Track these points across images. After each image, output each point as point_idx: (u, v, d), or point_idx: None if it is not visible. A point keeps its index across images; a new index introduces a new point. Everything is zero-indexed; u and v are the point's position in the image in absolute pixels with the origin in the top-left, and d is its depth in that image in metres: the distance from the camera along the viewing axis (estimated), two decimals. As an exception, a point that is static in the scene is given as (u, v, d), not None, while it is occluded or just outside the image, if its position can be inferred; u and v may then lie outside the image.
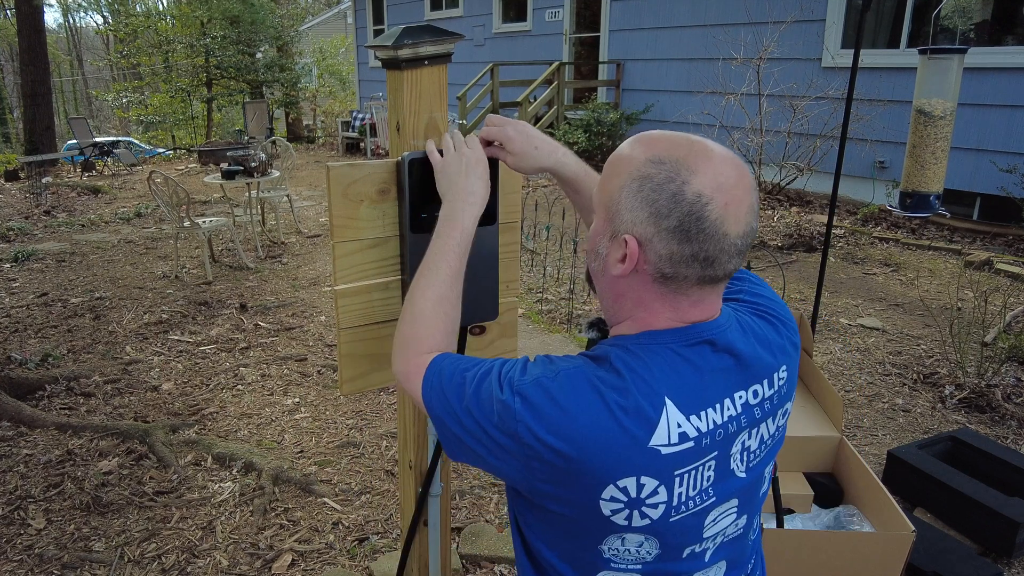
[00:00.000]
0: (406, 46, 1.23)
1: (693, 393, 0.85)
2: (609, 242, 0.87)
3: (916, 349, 4.10)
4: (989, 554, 2.41)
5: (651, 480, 0.82)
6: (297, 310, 4.91)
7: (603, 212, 0.89)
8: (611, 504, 0.82)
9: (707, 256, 0.81)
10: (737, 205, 0.81)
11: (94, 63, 33.52)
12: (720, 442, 0.87)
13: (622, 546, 0.86)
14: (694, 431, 0.84)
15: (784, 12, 7.41)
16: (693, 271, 0.82)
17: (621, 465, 0.80)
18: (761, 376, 0.91)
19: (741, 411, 0.89)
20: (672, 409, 0.83)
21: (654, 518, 0.84)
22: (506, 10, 11.85)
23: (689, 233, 0.80)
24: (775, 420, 0.94)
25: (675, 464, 0.83)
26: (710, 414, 0.86)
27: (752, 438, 0.91)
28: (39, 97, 12.02)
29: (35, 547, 2.51)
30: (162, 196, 5.60)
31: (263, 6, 16.10)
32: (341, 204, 1.25)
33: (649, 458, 0.81)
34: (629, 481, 0.81)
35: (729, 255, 0.82)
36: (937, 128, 2.59)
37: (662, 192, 0.81)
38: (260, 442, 3.21)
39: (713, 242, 0.80)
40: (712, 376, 0.87)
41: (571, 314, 4.66)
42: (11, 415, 3.33)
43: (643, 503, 0.83)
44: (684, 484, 0.85)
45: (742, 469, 0.91)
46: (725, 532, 0.94)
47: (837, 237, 6.44)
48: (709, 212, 0.79)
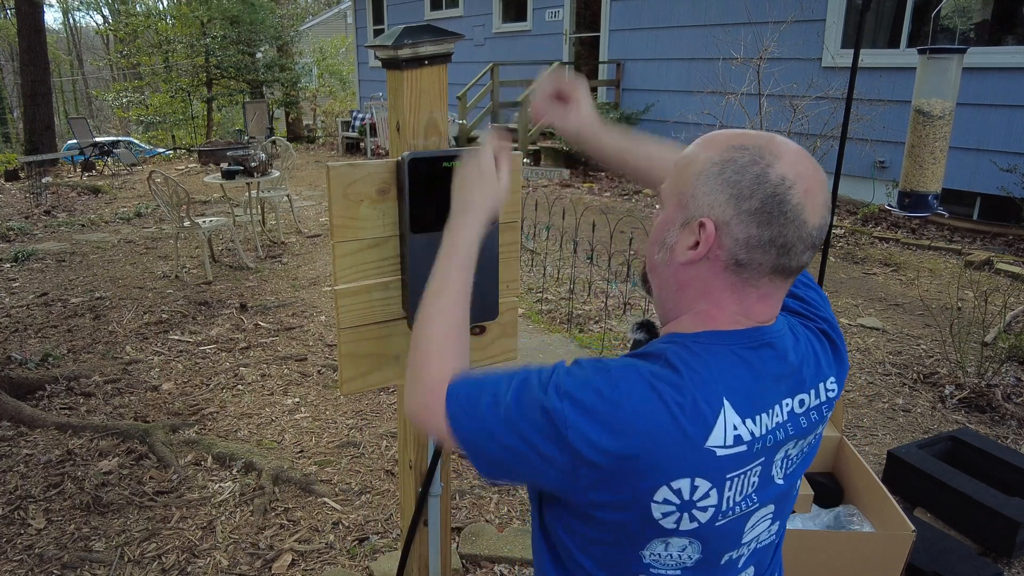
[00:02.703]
0: (406, 46, 1.23)
1: (750, 396, 0.83)
2: (680, 229, 0.85)
3: (916, 349, 4.10)
4: (989, 554, 2.41)
5: (704, 482, 0.80)
6: (297, 310, 4.91)
7: (674, 200, 0.87)
8: (663, 507, 0.80)
9: (785, 243, 0.80)
10: (815, 196, 0.80)
11: (94, 63, 33.52)
12: (769, 448, 0.86)
13: (665, 551, 0.84)
14: (748, 435, 0.82)
15: (784, 12, 7.41)
16: (768, 258, 0.81)
17: (676, 466, 0.78)
18: (808, 386, 0.90)
19: (787, 419, 0.87)
20: (729, 411, 0.81)
21: (702, 522, 0.82)
22: (506, 10, 11.85)
23: (771, 215, 0.79)
24: (817, 431, 0.95)
25: (728, 467, 0.81)
26: (763, 419, 0.84)
27: (795, 447, 0.91)
28: (39, 97, 12.02)
29: (35, 547, 2.51)
30: (162, 196, 5.59)
31: (263, 6, 16.11)
32: (341, 204, 1.25)
33: (705, 459, 0.79)
34: (683, 483, 0.79)
35: (805, 245, 0.81)
36: (936, 128, 2.59)
37: (745, 174, 0.79)
38: (260, 442, 3.21)
39: (793, 228, 0.79)
40: (768, 381, 0.85)
41: (571, 314, 4.66)
42: (11, 415, 3.33)
43: (694, 506, 0.81)
44: (733, 488, 0.83)
45: (781, 476, 0.90)
46: (759, 539, 0.93)
47: (837, 237, 6.44)
48: (792, 196, 0.78)
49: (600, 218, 7.06)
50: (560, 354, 4.07)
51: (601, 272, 5.46)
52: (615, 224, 6.24)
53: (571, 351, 4.12)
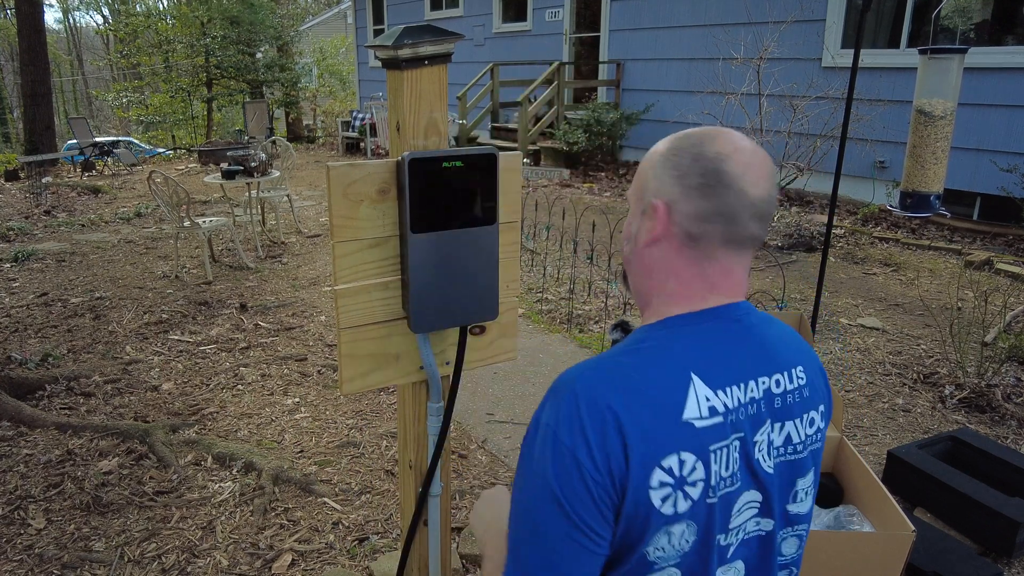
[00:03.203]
0: (406, 46, 1.23)
1: (719, 369, 0.86)
2: (640, 219, 0.93)
3: (916, 349, 4.10)
4: (989, 554, 2.41)
5: (690, 456, 0.82)
6: (297, 310, 4.91)
7: (634, 198, 0.95)
8: (660, 491, 0.81)
9: (729, 211, 0.86)
10: (756, 169, 0.87)
11: (94, 63, 33.51)
12: (744, 423, 0.88)
13: (668, 542, 0.84)
14: (722, 406, 0.85)
15: (784, 12, 7.41)
16: (717, 228, 0.87)
17: (660, 443, 0.81)
18: (782, 367, 0.93)
19: (763, 396, 0.90)
20: (699, 383, 0.84)
21: (695, 498, 0.84)
22: (506, 10, 11.85)
23: (712, 187, 0.86)
24: (802, 424, 0.94)
25: (709, 439, 0.84)
26: (735, 391, 0.87)
27: (776, 433, 0.91)
28: (39, 97, 12.02)
29: (35, 547, 2.51)
30: (162, 196, 5.60)
31: (263, 6, 16.11)
32: (341, 204, 1.25)
33: (685, 432, 0.82)
34: (672, 460, 0.81)
35: (750, 214, 0.87)
36: (937, 128, 2.59)
37: (684, 156, 0.88)
38: (260, 442, 3.21)
39: (734, 196, 0.86)
40: (736, 354, 0.89)
41: (571, 314, 4.66)
42: (11, 415, 3.33)
43: (686, 482, 0.83)
44: (718, 462, 0.85)
45: (768, 463, 0.91)
46: (746, 529, 0.92)
47: (837, 237, 6.44)
48: (728, 167, 0.86)
49: (600, 218, 7.06)
50: (560, 354, 4.07)
51: (601, 272, 5.46)
52: (615, 224, 6.25)
53: (571, 351, 4.12)
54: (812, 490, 0.98)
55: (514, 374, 3.82)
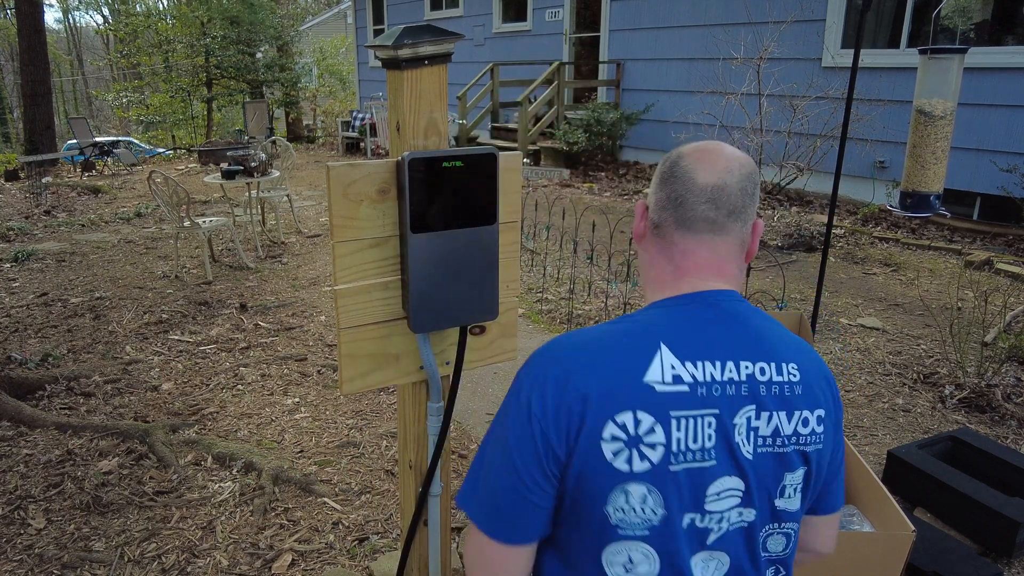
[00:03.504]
0: (406, 46, 1.23)
1: (690, 343, 0.91)
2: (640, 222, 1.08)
3: (916, 349, 4.10)
4: (989, 554, 2.41)
5: (647, 416, 0.86)
6: (297, 310, 4.91)
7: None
8: (612, 445, 0.85)
9: (677, 197, 0.98)
10: (710, 163, 0.98)
11: (94, 63, 33.51)
12: (720, 400, 0.89)
13: (627, 503, 0.87)
14: (689, 376, 0.89)
15: (784, 12, 7.41)
16: (668, 213, 0.99)
17: (616, 398, 0.86)
18: (770, 358, 0.94)
19: (746, 380, 0.91)
20: (666, 352, 0.89)
21: (654, 461, 0.86)
22: (506, 10, 11.85)
23: (666, 180, 1.00)
24: (791, 420, 0.93)
25: (669, 404, 0.87)
26: (707, 367, 0.90)
27: (762, 421, 0.92)
28: (39, 97, 12.02)
29: (35, 547, 2.51)
30: (162, 196, 5.60)
31: (263, 6, 16.11)
32: (341, 204, 1.25)
33: (644, 393, 0.87)
34: (626, 416, 0.86)
35: (697, 198, 0.97)
36: (937, 128, 2.59)
37: (663, 162, 1.03)
38: (260, 442, 3.21)
39: (681, 184, 0.98)
40: (713, 334, 0.93)
41: (571, 314, 4.66)
42: (11, 415, 3.33)
43: (641, 441, 0.86)
44: (682, 430, 0.87)
45: (748, 448, 0.91)
46: (730, 519, 0.91)
47: (837, 237, 6.44)
48: (682, 163, 0.99)
49: (600, 218, 7.06)
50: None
51: (601, 272, 5.46)
52: (615, 224, 6.25)
53: (571, 351, 4.12)
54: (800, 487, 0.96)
55: (514, 374, 3.82)
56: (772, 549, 0.98)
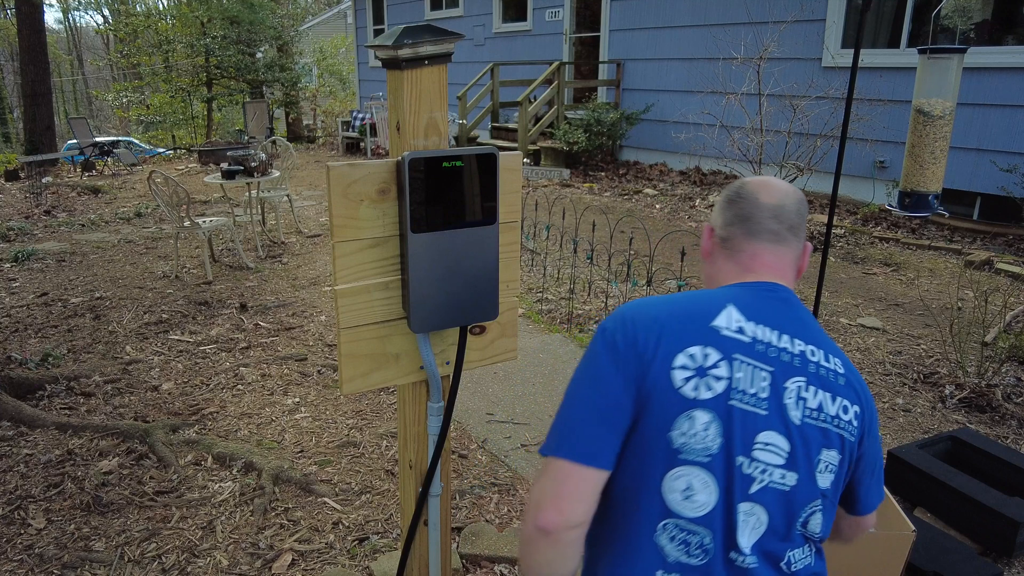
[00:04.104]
0: (406, 46, 1.23)
1: (753, 309, 1.05)
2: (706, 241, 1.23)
3: (916, 349, 4.10)
4: (989, 554, 2.41)
5: (714, 352, 0.98)
6: (297, 310, 4.91)
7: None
8: (682, 372, 0.97)
9: (745, 214, 1.14)
10: (770, 189, 1.15)
11: (94, 63, 33.51)
12: (775, 361, 1.01)
13: (691, 428, 0.96)
14: (750, 332, 1.02)
15: (784, 12, 7.41)
16: (737, 228, 1.15)
17: (688, 334, 0.99)
18: (820, 345, 1.06)
19: (799, 354, 1.03)
20: (733, 310, 1.03)
21: (718, 391, 0.97)
22: (506, 10, 11.85)
23: (733, 201, 1.17)
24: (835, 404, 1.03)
25: (733, 347, 0.99)
26: (766, 331, 1.03)
27: (809, 394, 1.02)
28: (39, 97, 12.02)
29: (35, 547, 2.51)
30: (162, 196, 5.60)
31: (263, 6, 16.10)
32: (341, 204, 1.25)
33: (712, 333, 1.00)
34: (696, 349, 0.98)
35: (764, 215, 1.13)
36: (936, 128, 2.59)
37: (727, 191, 1.20)
38: (260, 442, 3.21)
39: (747, 204, 1.14)
40: (772, 311, 1.06)
41: (571, 314, 4.66)
42: (11, 415, 3.33)
43: (708, 372, 0.97)
44: (742, 372, 0.98)
45: (796, 413, 1.00)
46: (772, 475, 0.98)
47: (837, 237, 6.44)
48: (747, 188, 1.17)
49: (600, 218, 7.06)
50: (560, 354, 4.07)
51: (601, 272, 5.46)
52: (615, 224, 6.25)
53: (571, 351, 4.12)
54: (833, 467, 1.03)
55: (514, 374, 3.82)
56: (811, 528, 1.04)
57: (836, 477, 1.03)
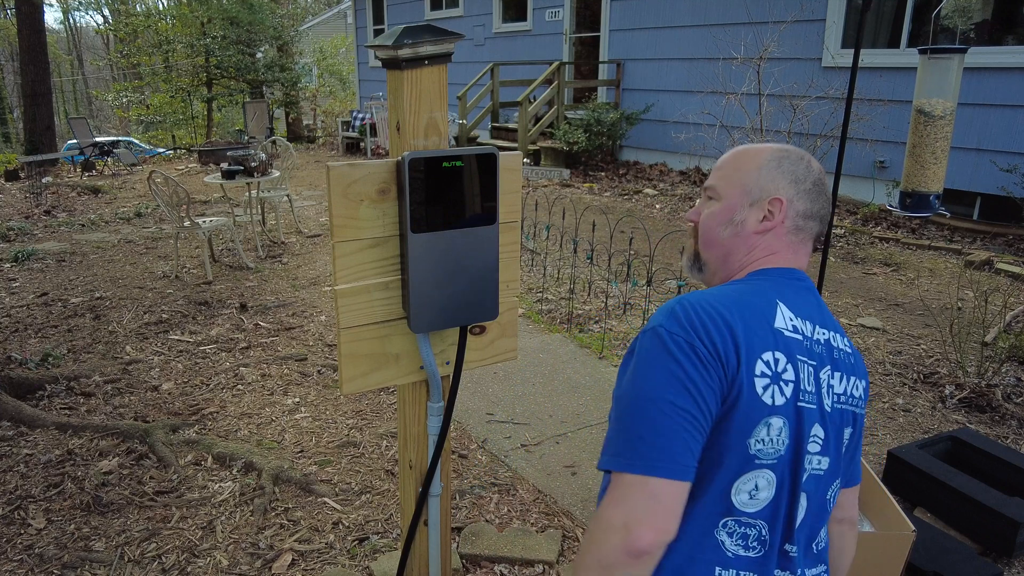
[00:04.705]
0: (406, 46, 1.23)
1: (795, 304, 1.05)
2: (749, 209, 1.11)
3: (916, 349, 4.10)
4: (989, 554, 2.41)
5: (782, 356, 0.98)
6: (297, 310, 4.91)
7: (736, 190, 1.12)
8: (762, 380, 0.95)
9: (824, 215, 1.12)
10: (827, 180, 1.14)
11: (94, 63, 33.51)
12: (816, 355, 1.03)
13: (767, 435, 0.95)
14: (800, 328, 1.03)
15: (784, 12, 7.41)
16: (814, 225, 1.12)
17: (761, 339, 0.97)
18: (835, 329, 1.10)
19: (825, 343, 1.06)
20: (783, 307, 1.03)
21: (788, 396, 0.97)
22: (506, 10, 11.85)
23: (818, 194, 1.11)
24: (850, 384, 1.07)
25: (794, 348, 1.00)
26: (807, 325, 1.05)
27: (836, 380, 1.05)
28: (39, 97, 12.02)
29: (35, 547, 2.51)
30: (162, 196, 5.60)
31: (263, 6, 16.11)
32: (341, 204, 1.25)
33: (776, 336, 0.99)
34: (768, 355, 0.97)
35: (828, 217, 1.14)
36: (937, 128, 2.59)
37: (799, 165, 1.11)
38: (260, 442, 3.21)
39: (826, 204, 1.12)
40: (804, 300, 1.07)
41: (571, 314, 4.66)
42: (11, 415, 3.33)
43: (780, 377, 0.97)
44: (803, 372, 0.99)
45: (828, 402, 1.03)
46: (811, 462, 1.01)
47: (837, 237, 6.44)
48: (826, 181, 1.13)
49: (600, 218, 7.06)
50: (560, 354, 4.07)
51: (601, 272, 5.46)
52: (615, 224, 6.25)
53: (571, 351, 4.12)
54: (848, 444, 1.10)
55: (514, 374, 3.82)
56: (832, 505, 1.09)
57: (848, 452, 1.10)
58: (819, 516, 1.06)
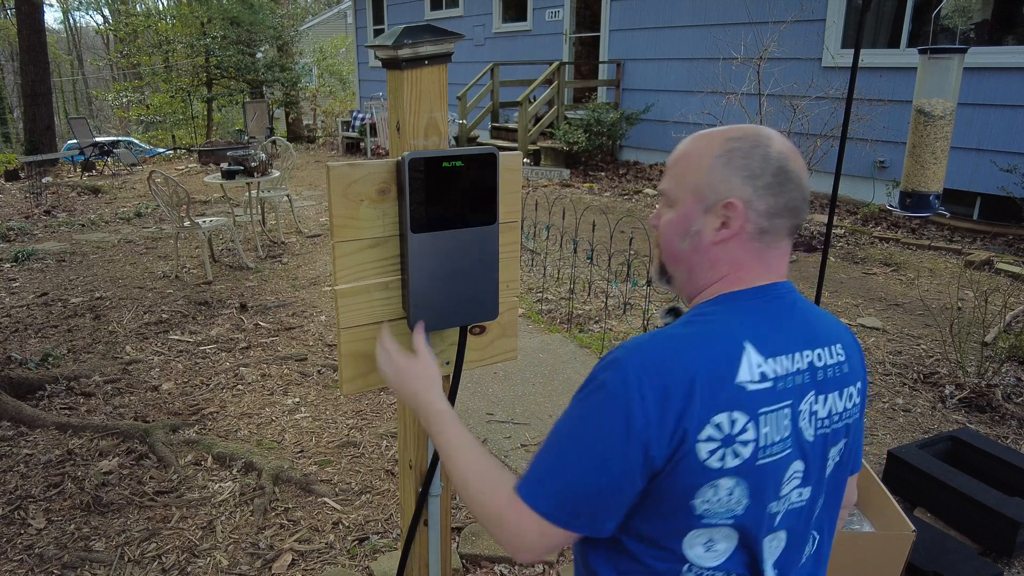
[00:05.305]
0: (406, 46, 1.23)
1: (769, 339, 0.93)
2: (704, 216, 0.97)
3: (916, 349, 4.10)
4: (989, 554, 2.41)
5: (741, 416, 0.88)
6: (297, 310, 4.91)
7: (689, 194, 0.98)
8: (708, 445, 0.86)
9: (795, 205, 0.95)
10: (801, 164, 0.97)
11: (94, 63, 33.50)
12: (792, 391, 0.93)
13: (715, 496, 0.89)
14: (772, 373, 0.91)
15: (784, 12, 7.41)
16: (785, 221, 0.96)
17: (714, 402, 0.87)
18: (823, 343, 0.99)
19: (807, 368, 0.96)
20: (751, 350, 0.91)
21: (745, 457, 0.88)
22: (506, 10, 11.85)
23: (782, 185, 0.94)
24: (841, 398, 0.99)
25: (759, 402, 0.89)
26: (783, 361, 0.93)
27: (820, 405, 0.97)
28: (39, 97, 12.02)
29: (35, 547, 2.51)
30: (162, 196, 5.60)
31: (263, 6, 16.11)
32: (341, 204, 1.25)
33: (737, 394, 0.88)
34: (723, 417, 0.87)
35: (806, 203, 0.97)
36: (937, 128, 2.59)
37: (752, 157, 0.94)
38: (260, 442, 3.21)
39: (797, 191, 0.95)
40: (783, 328, 0.95)
41: (571, 314, 4.65)
42: (11, 415, 3.33)
43: (735, 440, 0.87)
44: (768, 425, 0.90)
45: (810, 432, 0.95)
46: (791, 499, 0.95)
47: (837, 237, 6.44)
48: (791, 165, 0.95)
49: (600, 218, 7.06)
50: (560, 354, 4.07)
51: (601, 272, 5.46)
52: (615, 224, 6.25)
53: (571, 351, 4.12)
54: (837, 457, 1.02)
55: (514, 374, 3.82)
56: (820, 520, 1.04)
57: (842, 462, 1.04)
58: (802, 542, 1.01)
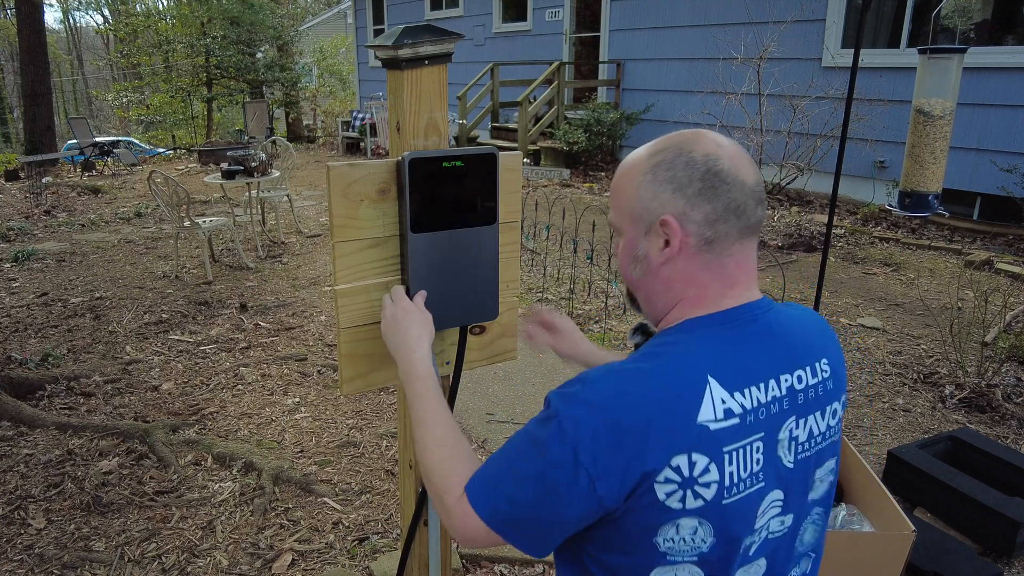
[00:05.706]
0: (406, 46, 1.23)
1: (736, 371, 0.87)
2: (645, 239, 0.93)
3: (916, 349, 4.10)
4: (989, 554, 2.41)
5: (702, 457, 0.83)
6: (297, 310, 4.91)
7: (627, 220, 0.95)
8: (666, 487, 0.82)
9: (737, 205, 0.88)
10: (740, 159, 0.89)
11: (94, 63, 33.51)
12: (765, 422, 0.88)
13: (677, 534, 0.85)
14: (739, 408, 0.86)
15: (784, 12, 7.41)
16: (731, 225, 0.88)
17: (671, 443, 0.82)
18: (805, 361, 0.93)
19: (786, 394, 0.90)
20: (715, 386, 0.85)
21: (707, 499, 0.84)
22: (506, 10, 11.85)
23: (715, 188, 0.87)
24: (824, 416, 0.95)
25: (724, 440, 0.84)
26: (754, 392, 0.87)
27: (800, 428, 0.92)
28: (39, 97, 12.02)
29: (35, 547, 2.51)
30: (162, 196, 5.60)
31: (263, 6, 16.11)
32: (341, 204, 1.25)
33: (698, 434, 0.83)
34: (681, 459, 0.82)
35: (754, 201, 0.89)
36: (936, 128, 2.59)
37: (675, 167, 0.89)
38: (260, 442, 3.21)
39: (737, 189, 0.88)
40: (755, 355, 0.89)
41: (571, 314, 4.66)
42: (11, 415, 3.33)
43: (695, 482, 0.83)
44: (734, 463, 0.85)
45: (789, 459, 0.91)
46: (770, 528, 0.92)
47: (837, 237, 6.44)
48: (721, 164, 0.87)
49: (600, 218, 7.06)
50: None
51: (601, 272, 5.46)
52: (615, 224, 6.23)
53: (571, 351, 4.12)
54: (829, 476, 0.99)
55: (514, 374, 3.82)
56: (807, 540, 1.00)
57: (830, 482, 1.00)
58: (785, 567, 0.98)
